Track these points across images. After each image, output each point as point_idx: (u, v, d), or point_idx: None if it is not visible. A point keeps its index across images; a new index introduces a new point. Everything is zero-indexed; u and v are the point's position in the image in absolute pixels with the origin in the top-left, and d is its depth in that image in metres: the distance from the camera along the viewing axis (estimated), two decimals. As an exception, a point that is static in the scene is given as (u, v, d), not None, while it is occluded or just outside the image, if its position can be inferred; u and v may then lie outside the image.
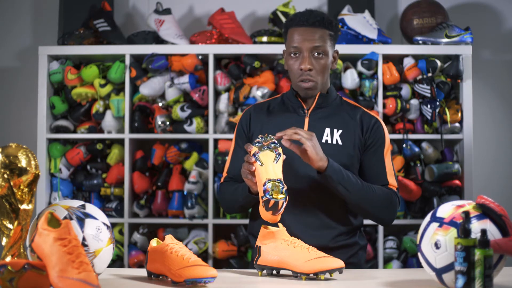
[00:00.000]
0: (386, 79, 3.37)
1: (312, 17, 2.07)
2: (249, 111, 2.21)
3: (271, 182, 1.77)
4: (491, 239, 1.48)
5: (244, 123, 2.19)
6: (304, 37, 2.06)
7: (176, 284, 1.66)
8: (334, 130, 2.09)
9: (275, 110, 2.17)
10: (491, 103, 3.70)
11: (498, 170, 3.69)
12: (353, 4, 3.49)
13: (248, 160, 1.87)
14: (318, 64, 2.07)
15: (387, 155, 2.12)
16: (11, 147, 1.75)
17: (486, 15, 3.73)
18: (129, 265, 3.36)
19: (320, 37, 2.06)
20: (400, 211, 3.37)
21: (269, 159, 1.84)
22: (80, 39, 3.42)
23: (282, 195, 1.76)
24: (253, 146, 1.88)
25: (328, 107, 2.13)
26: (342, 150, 2.05)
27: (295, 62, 2.08)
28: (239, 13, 3.62)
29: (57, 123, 3.44)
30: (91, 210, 1.73)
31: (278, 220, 1.81)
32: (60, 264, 1.45)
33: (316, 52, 2.06)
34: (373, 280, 1.78)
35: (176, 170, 3.46)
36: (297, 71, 2.08)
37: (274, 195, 1.76)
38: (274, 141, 1.89)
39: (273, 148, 1.87)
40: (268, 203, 1.76)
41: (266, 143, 1.88)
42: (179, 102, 3.43)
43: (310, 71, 2.06)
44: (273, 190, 1.76)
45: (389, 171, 2.10)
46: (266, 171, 1.81)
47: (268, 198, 1.75)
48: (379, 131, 2.12)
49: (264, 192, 1.76)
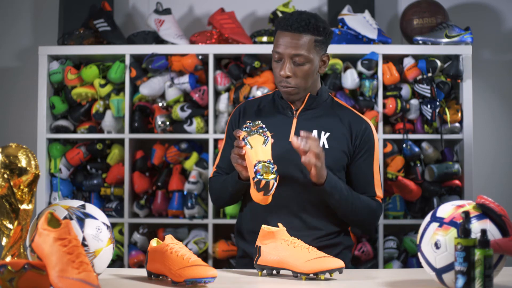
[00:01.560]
0: (386, 79, 3.37)
1: (297, 22, 2.02)
2: (240, 108, 2.22)
3: (261, 163, 1.82)
4: (491, 239, 1.48)
5: (234, 120, 2.21)
6: (286, 44, 2.03)
7: (176, 284, 1.66)
8: (322, 132, 2.08)
9: (265, 109, 2.17)
10: (491, 103, 3.70)
11: (498, 170, 3.69)
12: (353, 4, 3.49)
13: (238, 144, 1.90)
14: (299, 71, 2.05)
15: (375, 163, 2.13)
16: (11, 147, 1.75)
17: (486, 15, 3.73)
18: (129, 265, 3.36)
19: (303, 44, 2.02)
20: (400, 211, 3.38)
21: (258, 142, 1.88)
22: (80, 39, 3.42)
23: (272, 175, 1.82)
24: (241, 131, 1.91)
25: (318, 109, 2.13)
26: (328, 153, 2.02)
27: (277, 67, 2.08)
28: (239, 13, 3.62)
29: (57, 123, 3.44)
30: (91, 210, 1.73)
31: (269, 201, 1.86)
32: (60, 264, 1.45)
33: (297, 60, 2.04)
34: (373, 280, 1.78)
35: (176, 170, 3.46)
36: (278, 76, 2.08)
37: (265, 176, 1.81)
38: (262, 126, 1.93)
39: (262, 132, 1.91)
40: (259, 183, 1.81)
41: (254, 128, 1.92)
42: (179, 102, 3.43)
43: (288, 78, 2.05)
44: (264, 170, 1.81)
45: (376, 182, 2.12)
46: (256, 153, 1.86)
47: (259, 178, 1.80)
48: (370, 137, 2.12)
49: (255, 173, 1.81)
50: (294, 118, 2.11)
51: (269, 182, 1.81)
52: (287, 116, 2.13)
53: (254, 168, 1.82)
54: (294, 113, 2.12)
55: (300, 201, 2.06)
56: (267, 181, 1.80)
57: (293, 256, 1.76)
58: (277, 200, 2.00)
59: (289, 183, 2.05)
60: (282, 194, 2.03)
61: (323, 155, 1.93)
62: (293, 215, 2.06)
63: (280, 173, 1.98)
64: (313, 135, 2.02)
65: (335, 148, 2.07)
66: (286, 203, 2.06)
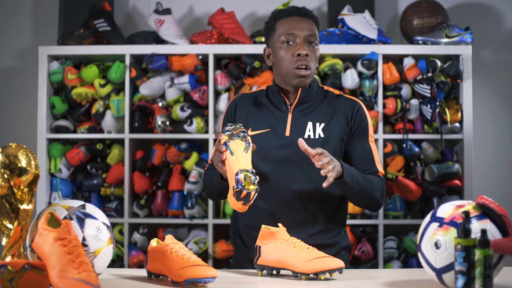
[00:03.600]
0: (386, 79, 3.37)
1: (302, 9, 2.11)
2: (236, 101, 2.21)
3: (243, 172, 1.78)
4: (491, 239, 1.48)
5: (230, 113, 2.20)
6: (298, 25, 2.07)
7: (176, 284, 1.66)
8: (317, 124, 2.09)
9: (260, 104, 2.17)
10: (491, 103, 3.70)
11: (498, 170, 3.69)
12: (353, 4, 3.49)
13: (219, 149, 1.88)
14: (312, 52, 2.07)
15: (372, 141, 2.14)
16: (11, 147, 1.75)
17: (486, 15, 3.73)
18: (129, 265, 3.36)
19: (312, 27, 2.09)
20: (400, 211, 3.37)
21: (239, 149, 1.85)
22: (80, 39, 3.42)
23: (254, 186, 1.77)
24: (223, 135, 1.88)
25: (311, 101, 2.13)
26: (325, 143, 2.05)
27: (289, 50, 2.07)
28: (239, 13, 3.62)
29: (57, 123, 3.44)
30: (91, 210, 1.73)
31: (246, 210, 1.83)
32: (60, 264, 1.45)
33: (310, 41, 2.07)
34: (373, 280, 1.78)
35: (176, 170, 3.46)
36: (292, 58, 2.07)
37: (246, 186, 1.76)
38: (244, 130, 1.90)
39: (243, 137, 1.87)
40: (240, 193, 1.77)
41: (236, 132, 1.88)
42: (179, 102, 3.43)
43: (307, 56, 2.06)
44: (246, 181, 1.77)
45: (376, 158, 2.13)
46: (238, 161, 1.82)
47: (240, 188, 1.76)
48: (363, 116, 2.13)
49: (237, 182, 1.77)
50: (289, 113, 2.11)
51: (250, 193, 1.77)
52: (282, 111, 2.12)
53: (235, 177, 1.77)
54: (289, 107, 2.12)
55: (295, 197, 2.06)
56: (248, 192, 1.76)
57: (293, 256, 1.76)
58: (272, 196, 2.02)
59: (285, 179, 2.05)
60: (277, 190, 2.04)
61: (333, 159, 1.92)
62: (289, 211, 2.06)
63: (275, 169, 1.98)
64: (308, 128, 2.05)
65: (331, 137, 2.08)
66: (281, 199, 2.06)
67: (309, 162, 1.96)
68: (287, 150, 2.05)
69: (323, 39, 3.38)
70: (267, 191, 2.04)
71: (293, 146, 2.02)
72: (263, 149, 2.02)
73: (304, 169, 2.03)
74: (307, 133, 2.08)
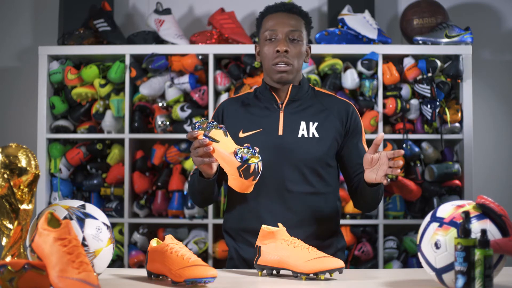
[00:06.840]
0: (386, 79, 3.37)
1: (288, 5, 2.10)
2: (222, 106, 2.20)
3: (241, 149, 1.78)
4: (491, 239, 1.48)
5: (217, 119, 2.18)
6: (280, 21, 2.07)
7: (176, 284, 1.66)
8: (310, 123, 2.09)
9: (249, 105, 2.15)
10: (491, 103, 3.70)
11: (498, 170, 3.69)
12: (353, 4, 3.49)
13: (201, 144, 1.83)
14: (294, 48, 2.07)
15: (365, 142, 2.16)
16: (11, 147, 1.75)
17: (486, 15, 3.73)
18: (129, 265, 3.36)
19: (296, 23, 2.08)
20: (400, 211, 3.38)
21: (220, 136, 1.84)
22: (80, 39, 3.42)
23: (257, 157, 1.77)
24: (197, 131, 1.86)
25: (302, 100, 2.13)
26: (320, 142, 2.05)
27: (271, 46, 2.07)
28: (239, 13, 3.62)
29: (57, 123, 3.44)
30: (91, 210, 1.73)
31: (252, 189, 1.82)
32: (60, 264, 1.45)
33: (291, 36, 2.07)
34: (373, 280, 1.78)
35: (176, 170, 3.46)
36: (272, 54, 2.06)
37: (251, 160, 1.76)
38: (211, 120, 1.89)
39: (216, 126, 1.86)
40: (248, 169, 1.76)
41: (205, 124, 1.87)
42: (179, 102, 3.44)
43: (286, 52, 2.05)
44: (249, 155, 1.77)
45: None
46: (226, 144, 1.81)
47: (247, 164, 1.75)
48: (357, 119, 2.15)
49: (241, 160, 1.76)
50: (281, 111, 2.11)
51: (257, 164, 1.76)
52: (273, 110, 2.11)
53: (237, 156, 1.77)
54: (280, 106, 2.11)
55: (288, 195, 2.05)
56: (255, 164, 1.76)
57: (293, 256, 1.76)
58: (266, 194, 2.02)
59: (280, 178, 2.04)
60: (272, 188, 2.04)
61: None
62: (283, 212, 2.05)
63: (270, 167, 1.98)
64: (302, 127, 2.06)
65: (325, 137, 2.08)
66: (275, 197, 2.05)
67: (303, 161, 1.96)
68: (281, 149, 2.05)
69: (323, 39, 3.39)
70: (260, 192, 2.03)
71: (286, 145, 2.02)
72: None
73: (298, 168, 2.03)
74: (301, 132, 2.07)
